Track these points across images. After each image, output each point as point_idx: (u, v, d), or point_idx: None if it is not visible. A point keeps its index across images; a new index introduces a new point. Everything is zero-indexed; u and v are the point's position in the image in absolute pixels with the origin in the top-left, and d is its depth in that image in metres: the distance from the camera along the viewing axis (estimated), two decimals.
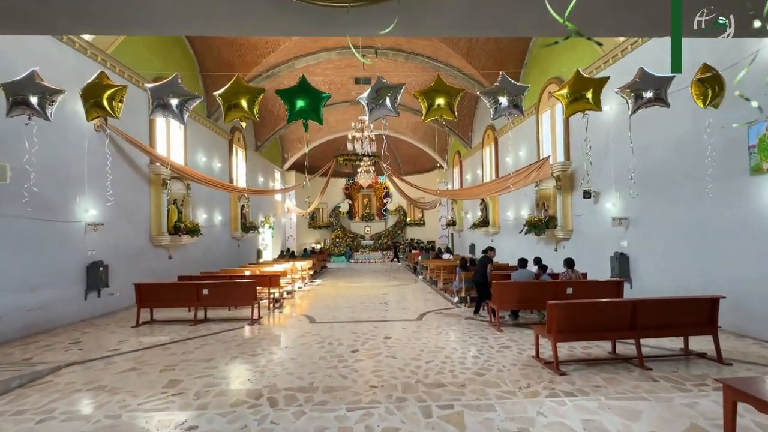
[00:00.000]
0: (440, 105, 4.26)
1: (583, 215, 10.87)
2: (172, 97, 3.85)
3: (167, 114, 3.93)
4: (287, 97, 3.93)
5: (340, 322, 8.04)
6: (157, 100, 3.86)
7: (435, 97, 4.27)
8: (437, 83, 4.37)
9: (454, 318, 8.21)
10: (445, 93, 4.27)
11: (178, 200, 12.11)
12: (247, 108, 3.85)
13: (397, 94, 3.97)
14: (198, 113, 13.90)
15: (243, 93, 3.96)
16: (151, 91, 3.77)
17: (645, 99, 4.40)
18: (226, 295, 8.03)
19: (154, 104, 3.92)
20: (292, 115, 3.92)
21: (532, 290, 7.16)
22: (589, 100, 4.46)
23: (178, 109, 3.89)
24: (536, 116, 13.29)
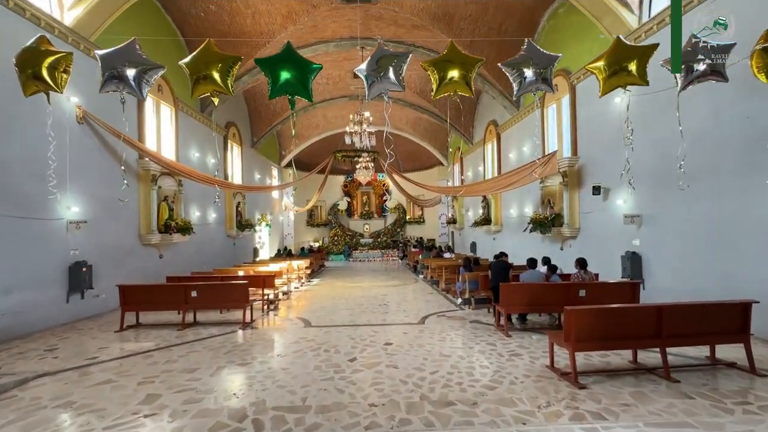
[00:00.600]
0: (454, 78, 3.64)
1: (591, 212, 10.41)
2: (129, 67, 3.20)
3: (123, 87, 3.33)
4: (269, 67, 3.35)
5: (337, 325, 7.58)
6: (110, 70, 3.21)
7: (447, 69, 3.60)
8: (450, 52, 3.72)
9: (458, 321, 7.75)
10: (459, 64, 3.59)
11: (169, 197, 11.61)
12: (220, 80, 3.29)
13: (402, 64, 3.42)
14: (191, 107, 13.38)
15: (215, 62, 3.34)
16: (102, 60, 3.16)
17: (698, 72, 3.76)
18: (216, 297, 7.55)
19: (105, 75, 3.29)
20: (276, 89, 3.37)
21: (542, 292, 6.70)
22: (633, 73, 3.82)
23: (136, 82, 3.29)
24: (541, 110, 12.81)
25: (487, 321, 7.69)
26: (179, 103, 12.54)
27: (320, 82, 18.21)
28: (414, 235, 28.63)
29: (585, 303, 6.68)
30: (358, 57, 15.22)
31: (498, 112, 16.56)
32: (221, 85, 3.29)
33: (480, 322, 7.58)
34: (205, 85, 3.31)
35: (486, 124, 18.07)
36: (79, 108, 8.45)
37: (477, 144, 19.63)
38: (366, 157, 17.23)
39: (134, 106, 10.50)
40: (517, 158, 14.74)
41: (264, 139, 20.64)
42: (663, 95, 6.94)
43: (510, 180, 12.01)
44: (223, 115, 16.11)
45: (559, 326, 7.12)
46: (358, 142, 10.26)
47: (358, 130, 10.29)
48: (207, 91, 3.36)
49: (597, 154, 10.17)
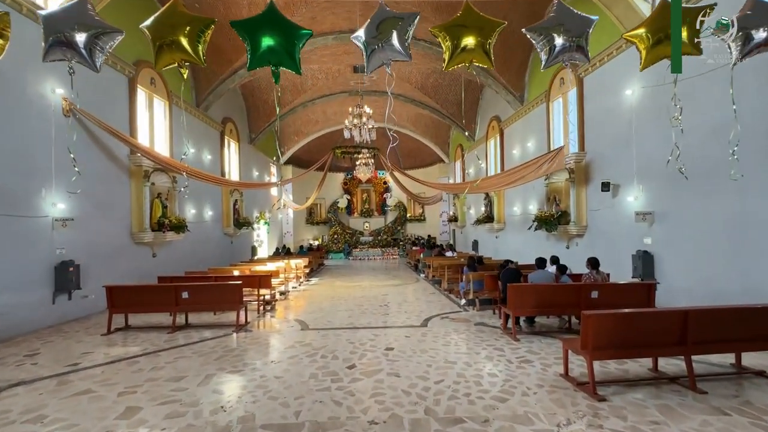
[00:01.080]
0: (469, 46, 3.06)
1: (599, 210, 10.04)
2: (78, 30, 2.69)
3: (71, 56, 2.84)
4: (248, 32, 2.86)
5: (335, 328, 7.21)
6: (55, 34, 2.73)
7: (462, 35, 2.97)
8: (465, 13, 3.12)
9: (462, 324, 7.39)
10: (476, 28, 2.96)
11: (163, 194, 11.24)
12: (189, 47, 2.87)
13: (408, 28, 2.97)
14: (185, 102, 13.00)
15: (182, 24, 2.83)
16: (44, 21, 2.67)
17: (758, 41, 3.20)
18: (209, 298, 7.18)
19: (49, 40, 2.78)
20: (256, 57, 2.92)
21: (552, 294, 6.33)
22: (684, 41, 3.27)
23: (87, 49, 2.79)
24: (546, 105, 12.42)
25: (493, 323, 7.33)
26: (173, 97, 12.16)
27: (319, 77, 17.83)
28: (414, 233, 28.27)
29: (598, 305, 6.32)
30: (358, 50, 14.84)
31: (501, 107, 16.16)
32: (191, 54, 2.79)
33: (485, 325, 7.22)
34: (170, 53, 2.83)
35: (489, 120, 17.69)
36: (65, 100, 8.07)
37: (479, 140, 19.25)
38: (366, 153, 16.81)
39: (125, 99, 10.12)
40: (521, 155, 14.36)
41: (262, 135, 20.24)
42: (680, 85, 6.54)
43: (515, 177, 11.65)
44: (219, 111, 15.71)
45: (569, 329, 6.76)
46: (358, 136, 9.81)
47: (358, 123, 9.83)
48: (173, 61, 2.94)
49: (605, 149, 9.80)
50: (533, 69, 13.36)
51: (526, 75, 13.79)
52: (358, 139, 9.85)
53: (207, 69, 13.50)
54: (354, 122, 9.89)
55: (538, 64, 12.88)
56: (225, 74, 13.64)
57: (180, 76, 3.88)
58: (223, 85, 13.99)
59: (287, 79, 17.78)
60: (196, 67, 13.50)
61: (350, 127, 10.09)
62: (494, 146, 17.50)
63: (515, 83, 14.08)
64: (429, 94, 18.86)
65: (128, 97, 10.18)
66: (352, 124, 9.85)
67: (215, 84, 13.79)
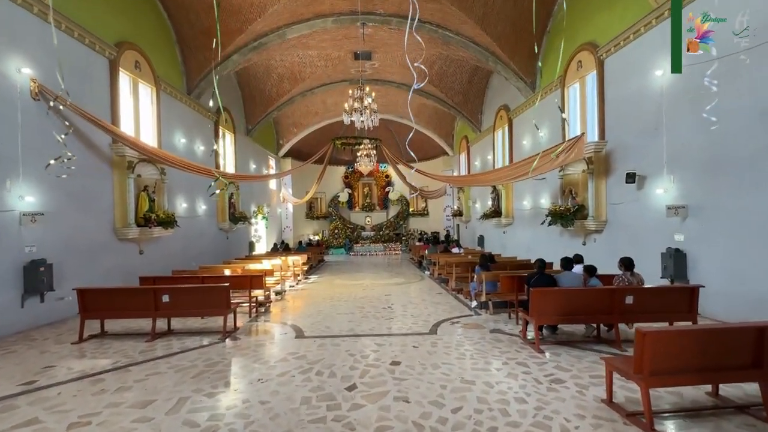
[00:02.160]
0: None
1: (621, 204, 9.23)
2: None
3: None
4: None
5: (334, 336, 6.45)
6: None
7: None
8: None
9: (475, 330, 6.61)
10: None
11: (150, 187, 10.45)
12: None
13: None
14: (175, 88, 12.17)
15: None
16: None
17: None
18: (192, 302, 6.41)
19: None
20: None
21: (581, 299, 5.53)
22: None
23: None
24: (561, 90, 11.57)
25: (510, 330, 6.56)
26: (161, 83, 11.33)
27: (318, 64, 16.96)
28: (417, 227, 27.47)
29: (633, 311, 5.55)
30: (359, 35, 14.00)
31: (510, 95, 15.30)
32: None
33: (502, 332, 6.45)
34: None
35: (496, 110, 16.83)
36: (33, 82, 7.26)
37: (486, 131, 18.41)
38: (367, 144, 15.94)
39: (106, 83, 9.31)
40: (532, 145, 13.53)
41: (259, 126, 19.44)
42: (721, 63, 5.72)
43: (527, 168, 10.81)
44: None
45: (598, 338, 5.97)
46: (358, 122, 8.87)
47: (359, 107, 8.89)
48: None
49: (629, 137, 8.96)
50: (546, 53, 12.49)
51: (538, 60, 12.91)
52: (359, 125, 8.92)
53: (198, 54, 12.68)
54: (354, 107, 8.92)
55: (552, 47, 12.09)
56: (217, 60, 12.78)
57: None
58: (215, 71, 13.14)
59: (285, 67, 16.94)
60: (186, 52, 12.69)
61: (350, 111, 9.12)
62: (502, 137, 16.65)
63: (526, 69, 13.21)
64: (433, 83, 17.96)
65: (109, 81, 9.37)
66: (351, 109, 8.90)
67: (207, 70, 12.94)
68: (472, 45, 13.22)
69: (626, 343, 5.55)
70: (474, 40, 13.10)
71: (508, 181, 13.47)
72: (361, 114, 8.59)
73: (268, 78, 17.53)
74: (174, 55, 12.34)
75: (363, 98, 8.69)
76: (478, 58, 13.78)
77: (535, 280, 5.91)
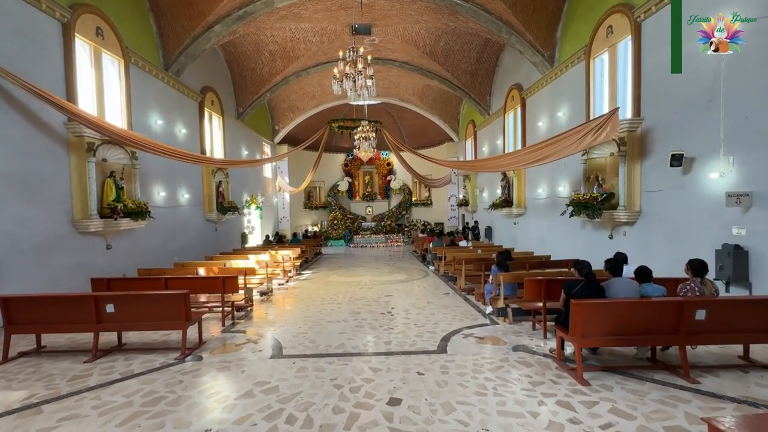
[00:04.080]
0: None
1: (660, 191, 7.89)
2: None
3: None
4: None
5: (319, 355, 5.20)
6: None
7: None
8: None
9: (495, 347, 5.36)
10: None
11: (117, 172, 9.17)
12: None
13: None
14: (149, 63, 10.81)
15: None
16: None
17: None
18: (143, 313, 5.16)
19: None
20: None
21: (638, 315, 4.24)
22: None
23: None
24: (586, 62, 10.15)
25: (538, 347, 5.30)
26: (131, 55, 9.98)
27: (313, 40, 15.49)
28: (420, 218, 26.20)
29: (704, 330, 4.26)
30: (356, 5, 12.57)
31: (523, 73, 13.87)
32: None
33: (528, 350, 5.18)
34: None
35: (507, 90, 15.39)
36: None
37: (495, 114, 17.00)
38: (365, 126, 14.51)
39: (58, 51, 7.97)
40: (549, 127, 12.15)
41: (252, 110, 18.07)
42: None
43: (547, 152, 9.46)
44: (197, 78, 13.52)
45: (653, 361, 4.69)
46: (351, 89, 7.27)
47: (352, 72, 7.32)
48: None
49: (672, 113, 7.58)
50: (568, 21, 11.04)
51: (558, 29, 11.46)
52: (352, 93, 7.33)
53: (175, 23, 11.29)
54: (347, 71, 7.32)
55: (575, 14, 10.61)
56: (197, 30, 11.40)
57: None
58: (196, 44, 11.75)
59: (277, 43, 15.50)
60: (162, 21, 11.28)
61: (340, 77, 7.50)
62: (513, 120, 15.25)
63: (544, 40, 11.76)
64: (439, 61, 16.53)
65: (62, 49, 8.04)
66: (342, 74, 7.34)
67: (187, 42, 11.57)
68: (484, 14, 11.76)
69: (695, 371, 4.29)
70: (485, 8, 11.64)
71: (523, 167, 12.10)
72: (354, 81, 7.10)
73: (258, 56, 16.11)
74: (148, 24, 10.94)
75: (357, 60, 7.14)
76: (489, 29, 12.33)
77: (579, 289, 4.56)
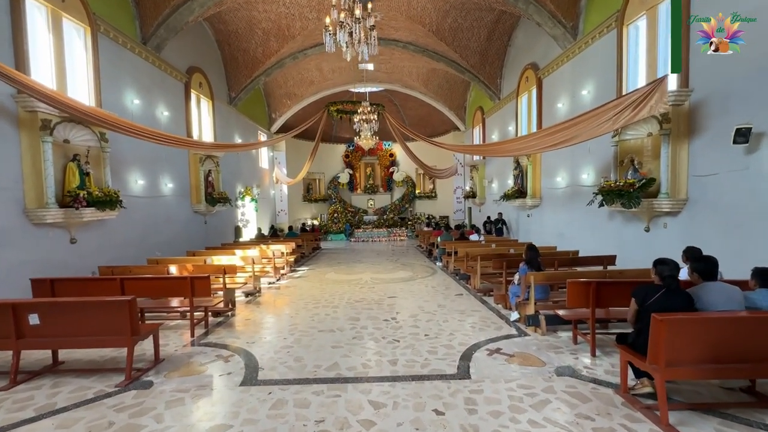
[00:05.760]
0: None
1: (715, 175, 6.66)
2: None
3: None
4: None
5: (304, 380, 4.03)
6: None
7: None
8: None
9: (533, 371, 4.16)
10: None
11: (82, 156, 7.99)
12: None
13: None
14: (124, 35, 9.59)
15: None
16: None
17: None
18: (79, 325, 3.99)
19: None
20: None
21: (751, 335, 3.03)
22: None
23: None
24: (618, 30, 8.89)
25: (586, 368, 4.11)
26: (99, 23, 8.76)
27: (309, 17, 14.20)
28: (424, 211, 24.99)
29: None
30: None
31: (540, 50, 12.60)
32: None
33: (577, 374, 3.99)
34: None
35: (521, 71, 14.10)
36: None
37: (506, 99, 15.73)
38: (366, 107, 13.21)
39: (4, 13, 6.77)
40: (571, 108, 10.89)
41: (246, 95, 16.82)
42: None
43: (574, 132, 8.22)
44: (182, 56, 12.29)
45: (752, 394, 3.48)
46: (345, 42, 5.79)
47: (348, 23, 5.84)
48: None
49: (733, 80, 6.31)
50: None
51: None
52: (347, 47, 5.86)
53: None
54: (341, 20, 5.79)
55: None
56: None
57: None
58: (177, 14, 10.51)
59: (270, 21, 14.22)
60: None
61: (333, 29, 5.96)
62: (527, 103, 13.98)
63: (567, 9, 10.46)
64: (446, 40, 15.24)
65: (9, 10, 6.83)
66: (335, 24, 5.82)
67: (166, 12, 10.34)
68: None
69: None
70: None
71: (543, 150, 10.77)
72: (350, 34, 5.74)
73: (251, 35, 14.84)
74: None
75: (352, 10, 5.72)
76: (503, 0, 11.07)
77: (659, 298, 3.30)
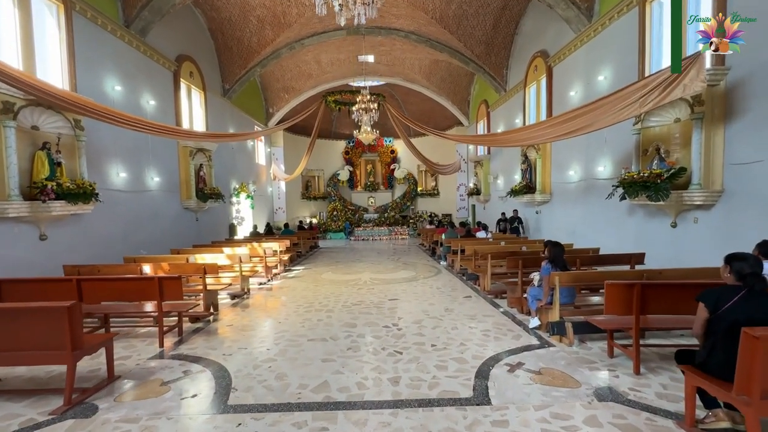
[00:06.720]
0: None
1: (759, 162, 5.89)
2: None
3: None
4: None
5: (285, 408, 3.28)
6: None
7: None
8: None
9: (567, 392, 3.42)
10: None
11: (52, 145, 7.26)
12: None
13: None
14: (104, 16, 8.85)
15: None
16: None
17: None
18: (11, 337, 3.25)
19: None
20: None
21: None
22: None
23: None
24: (640, 9, 8.13)
25: (632, 391, 3.36)
26: (75, 1, 8.04)
27: (306, 3, 13.45)
28: (426, 209, 24.23)
29: None
30: None
31: (549, 37, 11.84)
32: None
33: (622, 399, 3.24)
34: None
35: (529, 60, 13.33)
36: None
37: (512, 90, 14.97)
38: (366, 96, 12.45)
39: None
40: (585, 96, 10.13)
41: (240, 86, 16.06)
42: None
43: (593, 117, 7.46)
44: (171, 43, 11.55)
45: None
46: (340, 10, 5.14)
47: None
48: None
49: None
50: None
51: None
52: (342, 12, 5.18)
53: None
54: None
55: None
56: None
57: None
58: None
59: (265, 7, 13.47)
60: None
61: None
62: (536, 94, 13.22)
63: None
64: (450, 29, 14.48)
65: None
66: None
67: None
68: None
69: None
70: None
71: (556, 139, 9.92)
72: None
73: (245, 23, 14.10)
74: None
75: None
76: None
77: (737, 304, 2.47)
